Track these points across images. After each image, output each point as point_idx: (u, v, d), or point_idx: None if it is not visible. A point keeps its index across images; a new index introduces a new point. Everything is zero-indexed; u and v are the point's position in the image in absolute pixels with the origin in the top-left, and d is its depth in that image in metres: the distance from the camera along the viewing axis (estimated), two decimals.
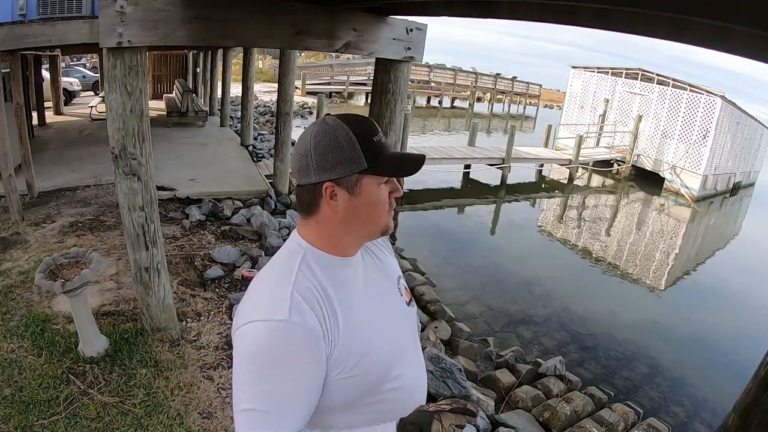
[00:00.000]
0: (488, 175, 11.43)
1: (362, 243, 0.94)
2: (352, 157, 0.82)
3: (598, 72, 15.22)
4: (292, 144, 9.71)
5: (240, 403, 0.77)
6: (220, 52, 12.34)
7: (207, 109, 11.92)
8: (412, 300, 1.05)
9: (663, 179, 12.92)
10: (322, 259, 0.88)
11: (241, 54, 13.64)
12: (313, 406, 0.81)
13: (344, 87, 23.65)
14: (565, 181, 12.62)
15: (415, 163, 0.89)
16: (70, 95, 13.52)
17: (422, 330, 4.33)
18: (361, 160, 0.83)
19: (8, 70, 5.26)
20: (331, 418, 0.87)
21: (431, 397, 3.10)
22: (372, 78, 3.84)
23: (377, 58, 3.51)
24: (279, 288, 0.81)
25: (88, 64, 20.55)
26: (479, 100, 28.60)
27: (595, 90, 15.19)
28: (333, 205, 0.85)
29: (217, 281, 4.13)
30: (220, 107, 11.90)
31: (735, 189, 13.92)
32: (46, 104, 10.62)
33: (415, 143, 11.99)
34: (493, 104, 28.57)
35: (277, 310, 0.77)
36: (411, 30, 3.46)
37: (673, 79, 13.08)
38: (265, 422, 0.75)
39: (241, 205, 6.09)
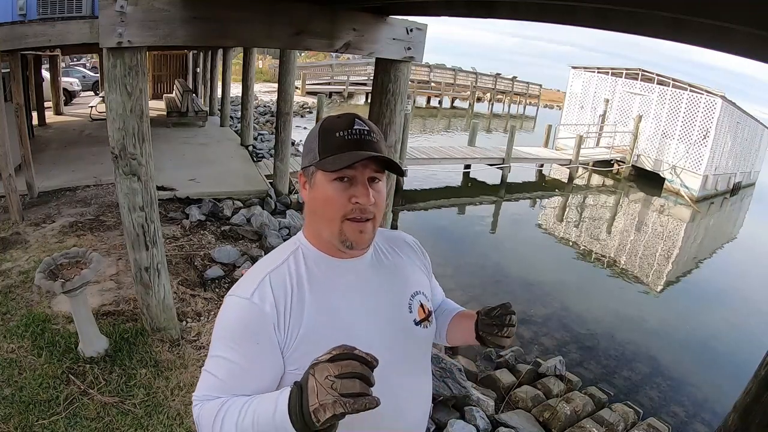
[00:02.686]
0: (488, 175, 11.43)
1: (339, 246, 0.87)
2: (312, 149, 0.86)
3: (598, 72, 15.22)
4: (292, 144, 9.74)
5: (204, 364, 0.86)
6: (220, 52, 12.34)
7: (207, 109, 11.92)
8: (427, 321, 0.97)
9: (663, 179, 12.91)
10: (315, 256, 0.90)
11: (241, 54, 13.63)
12: (263, 388, 0.81)
13: (344, 87, 23.64)
14: (565, 181, 12.62)
15: (350, 158, 0.81)
16: (70, 95, 13.51)
17: None
18: (315, 152, 0.85)
19: (8, 70, 5.26)
20: None
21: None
22: (372, 78, 3.84)
23: (377, 58, 3.51)
24: (259, 272, 0.87)
25: (88, 64, 20.54)
26: (479, 100, 28.58)
27: (596, 90, 15.19)
28: (303, 194, 0.91)
29: (217, 281, 4.13)
30: (220, 107, 11.90)
31: (735, 189, 13.92)
32: (46, 104, 10.62)
33: (415, 143, 11.99)
34: (493, 104, 28.54)
35: (246, 289, 0.84)
36: (411, 30, 3.46)
37: (673, 79, 13.07)
38: (212, 384, 0.82)
39: (241, 205, 6.09)
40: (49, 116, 10.50)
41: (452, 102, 27.42)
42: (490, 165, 11.34)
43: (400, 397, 0.90)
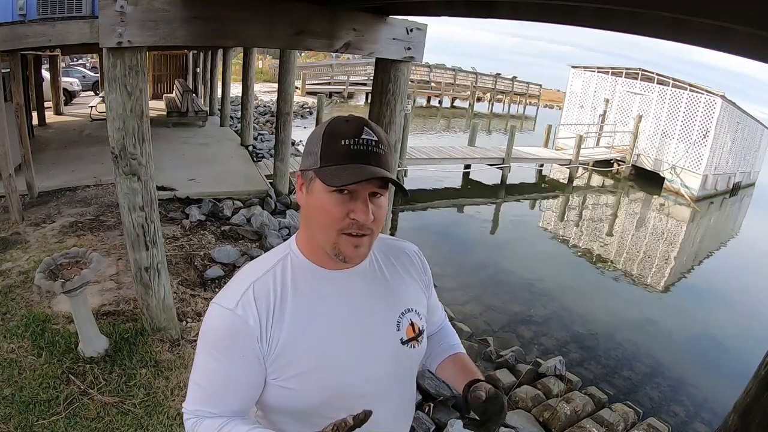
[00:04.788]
0: (488, 175, 11.43)
1: (330, 255, 0.83)
2: (313, 153, 0.81)
3: (598, 72, 15.21)
4: (292, 144, 9.74)
5: (191, 374, 0.85)
6: (220, 52, 12.34)
7: (207, 109, 11.92)
8: (415, 341, 0.92)
9: (663, 179, 12.91)
10: (303, 265, 0.87)
11: (241, 54, 13.63)
12: (251, 398, 0.84)
13: (344, 87, 23.64)
14: (565, 181, 12.62)
15: (354, 175, 0.75)
16: (70, 95, 13.51)
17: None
18: (316, 157, 0.79)
19: (8, 70, 5.26)
20: (285, 424, 0.87)
21: (431, 397, 3.11)
22: (372, 78, 3.84)
23: (377, 58, 3.51)
24: (244, 280, 0.84)
25: (88, 64, 20.55)
26: (479, 100, 28.56)
27: (595, 90, 15.19)
28: (299, 196, 0.86)
29: (217, 281, 4.13)
30: (220, 107, 11.90)
31: (735, 189, 13.92)
32: (46, 104, 10.62)
33: (415, 143, 11.99)
34: (493, 104, 28.53)
35: (230, 299, 0.82)
36: (411, 30, 3.46)
37: (673, 79, 13.07)
38: (202, 397, 0.83)
39: (241, 205, 6.09)
40: (49, 116, 10.50)
41: (452, 102, 27.42)
42: (490, 165, 11.34)
43: (393, 413, 0.89)
